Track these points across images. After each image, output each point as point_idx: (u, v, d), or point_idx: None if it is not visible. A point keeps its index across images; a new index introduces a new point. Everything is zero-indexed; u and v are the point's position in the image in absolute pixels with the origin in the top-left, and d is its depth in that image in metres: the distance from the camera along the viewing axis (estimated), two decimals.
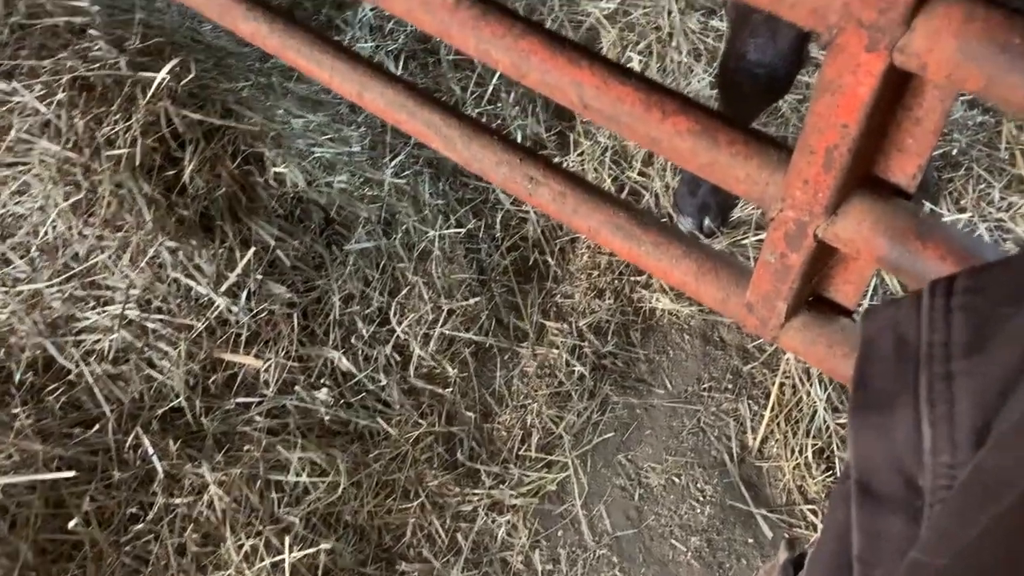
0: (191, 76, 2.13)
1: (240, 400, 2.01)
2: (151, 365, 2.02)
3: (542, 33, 1.41)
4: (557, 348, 2.14)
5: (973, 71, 0.95)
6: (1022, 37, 0.87)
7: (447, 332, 2.14)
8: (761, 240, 2.17)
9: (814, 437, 1.94)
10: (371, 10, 2.74)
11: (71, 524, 1.84)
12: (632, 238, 1.61)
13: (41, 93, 2.16)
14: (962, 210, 2.21)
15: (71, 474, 1.87)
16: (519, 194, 1.74)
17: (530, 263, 2.29)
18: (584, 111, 1.40)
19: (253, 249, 2.04)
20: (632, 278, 2.20)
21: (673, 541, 1.89)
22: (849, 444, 0.86)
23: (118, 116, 2.10)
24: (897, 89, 1.11)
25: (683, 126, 1.32)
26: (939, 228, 1.23)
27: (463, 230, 2.28)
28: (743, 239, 2.19)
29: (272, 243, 2.10)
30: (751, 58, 1.69)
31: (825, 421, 1.96)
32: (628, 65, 2.48)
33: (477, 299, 2.21)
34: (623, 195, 2.30)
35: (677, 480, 1.96)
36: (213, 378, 2.02)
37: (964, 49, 0.95)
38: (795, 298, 1.41)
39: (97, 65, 2.20)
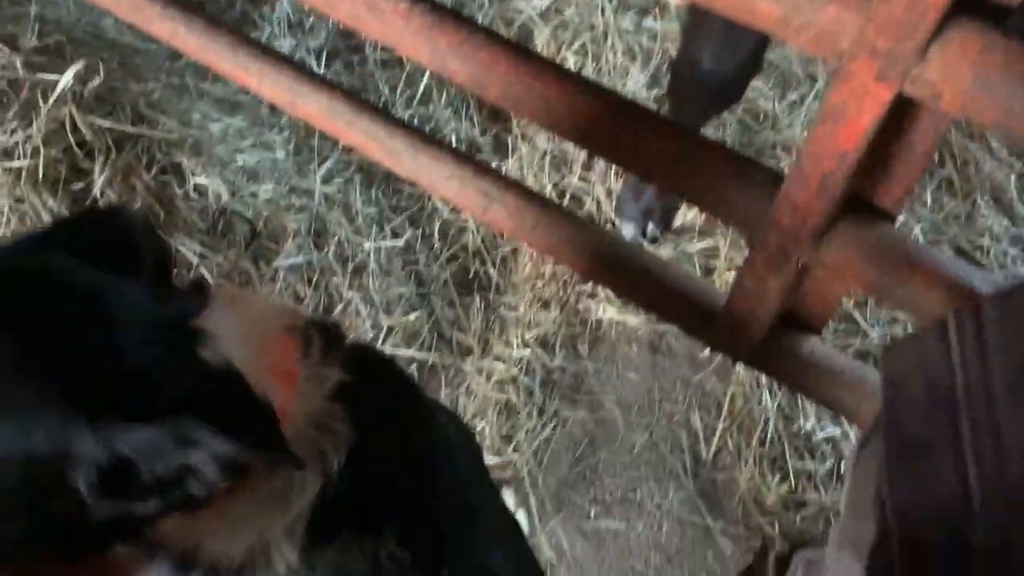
0: (99, 79, 1.95)
1: None
2: None
3: (503, 44, 1.32)
4: (504, 362, 2.06)
5: (990, 103, 0.91)
6: None
7: (388, 350, 2.03)
8: (708, 248, 2.14)
9: (767, 446, 1.93)
10: (288, 3, 2.58)
11: None
12: (594, 256, 1.54)
13: None
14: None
15: None
16: (472, 210, 1.65)
17: (471, 274, 2.20)
18: (552, 126, 1.32)
19: (175, 271, 1.88)
20: (578, 288, 2.14)
21: (632, 560, 1.84)
22: (886, 495, 0.80)
23: (15, 124, 1.90)
24: (895, 116, 1.08)
25: (657, 145, 1.26)
26: (927, 254, 1.20)
27: (400, 241, 2.17)
28: (688, 246, 2.16)
29: (195, 260, 1.94)
30: (705, 66, 1.64)
31: (777, 430, 1.95)
32: (565, 66, 2.41)
33: (417, 313, 2.10)
34: (564, 201, 2.24)
35: (633, 495, 1.92)
36: None
37: (982, 81, 0.91)
38: (771, 320, 1.38)
39: None
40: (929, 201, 2.27)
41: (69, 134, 1.90)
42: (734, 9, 0.94)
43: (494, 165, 2.30)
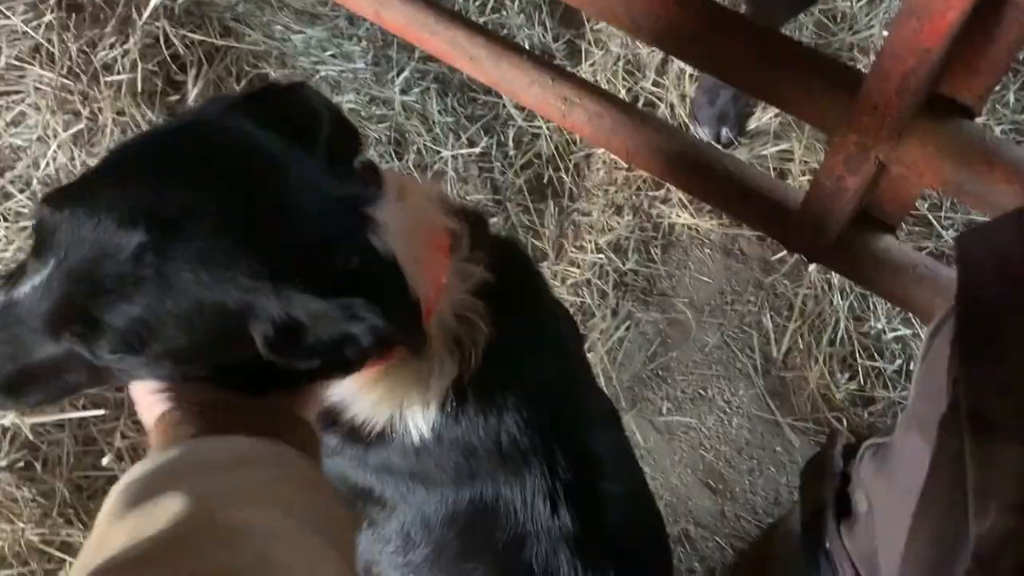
0: None
1: None
2: None
3: None
4: (578, 267, 2.13)
5: None
6: None
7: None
8: (782, 151, 2.15)
9: (838, 346, 1.98)
10: None
11: (104, 461, 1.83)
12: (672, 158, 1.58)
13: (27, 15, 2.04)
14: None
15: (99, 412, 1.85)
16: (552, 116, 1.70)
17: (545, 181, 2.26)
18: (635, 32, 1.35)
19: None
20: (650, 193, 2.18)
21: (703, 452, 1.93)
22: (959, 374, 0.86)
23: (113, 39, 2.00)
24: (979, 11, 1.08)
25: (739, 47, 1.28)
26: (1006, 150, 1.22)
27: (476, 149, 2.23)
28: (762, 149, 2.17)
29: None
30: None
31: (847, 330, 1.99)
32: None
33: (494, 219, 2.18)
34: (638, 106, 2.26)
35: (704, 392, 2.00)
36: None
37: None
38: (848, 219, 1.41)
39: None
40: (1012, 100, 2.23)
41: (163, 48, 1.99)
42: None
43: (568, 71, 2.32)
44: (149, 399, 0.82)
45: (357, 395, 0.92)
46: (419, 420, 0.92)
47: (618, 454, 1.18)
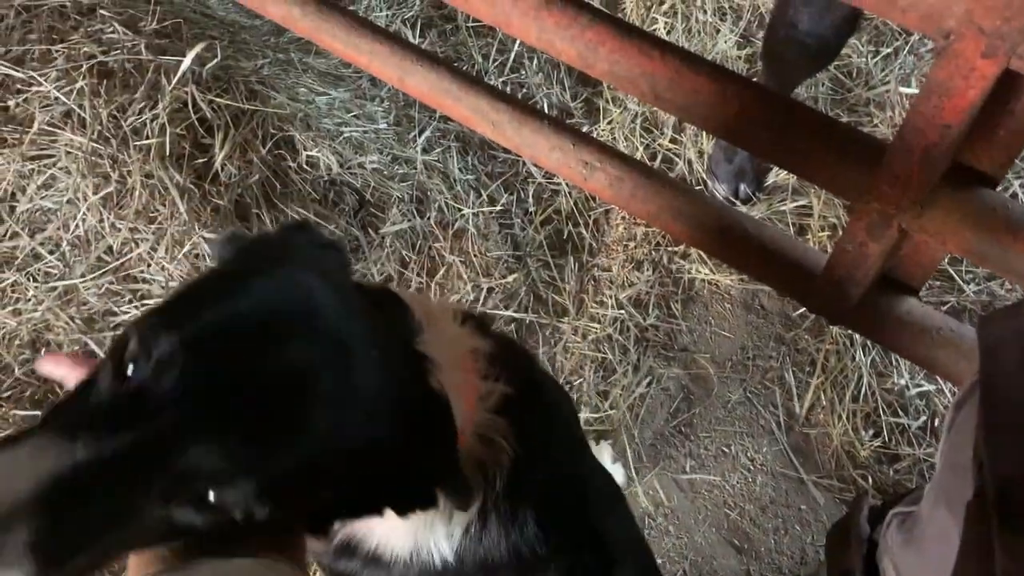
0: (216, 59, 2.07)
1: None
2: None
3: (610, 22, 1.37)
4: (598, 322, 2.14)
5: None
6: None
7: (488, 311, 2.14)
8: (801, 206, 2.17)
9: (861, 402, 1.97)
10: None
11: None
12: (693, 221, 1.60)
13: (59, 81, 2.09)
14: None
15: None
16: (573, 179, 1.72)
17: (565, 236, 2.28)
18: (656, 102, 1.37)
19: None
20: (670, 248, 2.20)
21: (727, 510, 1.92)
22: (984, 460, 0.86)
23: (143, 104, 2.05)
24: (998, 87, 1.10)
25: (760, 117, 1.30)
26: None
27: (496, 206, 2.26)
28: (780, 205, 2.18)
29: None
30: (803, 28, 1.66)
31: (870, 386, 1.98)
32: (653, 28, 2.44)
33: (515, 275, 2.20)
34: (655, 164, 2.28)
35: (727, 449, 1.99)
36: None
37: None
38: (870, 283, 1.42)
39: (115, 49, 2.13)
40: None
41: (191, 112, 2.04)
42: None
43: (585, 129, 2.35)
44: None
45: (380, 528, 0.92)
46: (443, 547, 0.91)
47: (630, 537, 1.18)
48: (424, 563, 0.92)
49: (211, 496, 0.65)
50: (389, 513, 0.80)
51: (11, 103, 2.11)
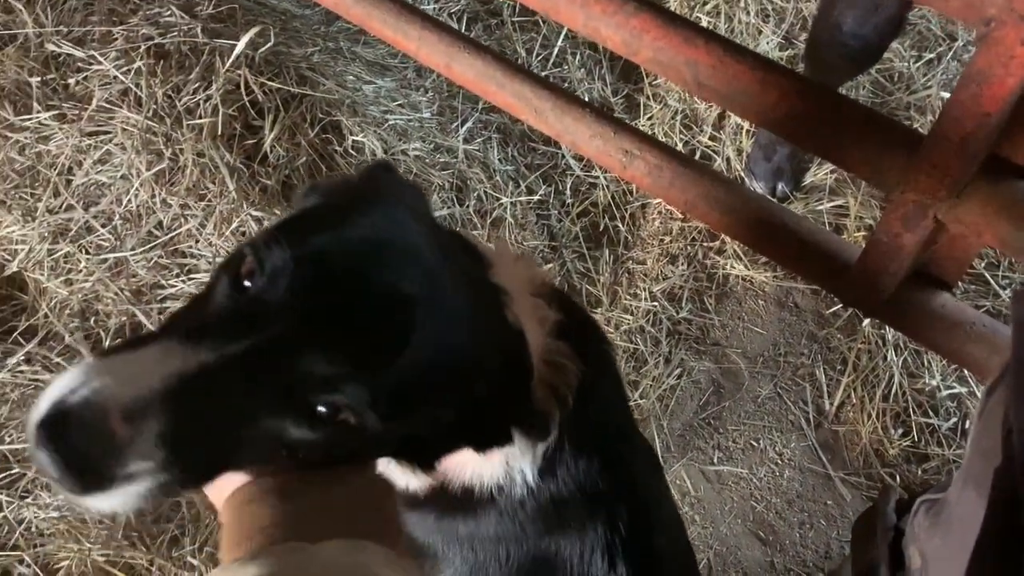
0: (269, 44, 2.14)
1: None
2: None
3: (654, 10, 1.41)
4: (631, 314, 2.17)
5: None
6: None
7: None
8: (837, 206, 2.18)
9: (892, 402, 1.98)
10: None
11: None
12: (730, 211, 1.62)
13: (118, 61, 2.17)
14: None
15: None
16: (612, 168, 1.76)
17: (601, 229, 2.31)
18: (698, 90, 1.40)
19: None
20: (705, 244, 2.22)
21: (753, 502, 1.94)
22: (1014, 426, 0.88)
23: (197, 85, 2.11)
24: None
25: (800, 106, 1.33)
26: None
27: (534, 197, 2.30)
28: (818, 204, 2.20)
29: None
30: (847, 30, 1.68)
31: (901, 386, 1.99)
32: None
33: (550, 266, 2.23)
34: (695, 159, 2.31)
35: (756, 443, 2.01)
36: None
37: None
38: (904, 275, 1.43)
39: (172, 32, 2.20)
40: None
41: (243, 94, 2.10)
42: None
43: (628, 124, 2.38)
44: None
45: (479, 464, 0.95)
46: (528, 473, 0.95)
47: (666, 505, 1.20)
48: (508, 500, 0.96)
49: (322, 409, 0.69)
50: (468, 453, 0.85)
51: (71, 81, 2.19)
